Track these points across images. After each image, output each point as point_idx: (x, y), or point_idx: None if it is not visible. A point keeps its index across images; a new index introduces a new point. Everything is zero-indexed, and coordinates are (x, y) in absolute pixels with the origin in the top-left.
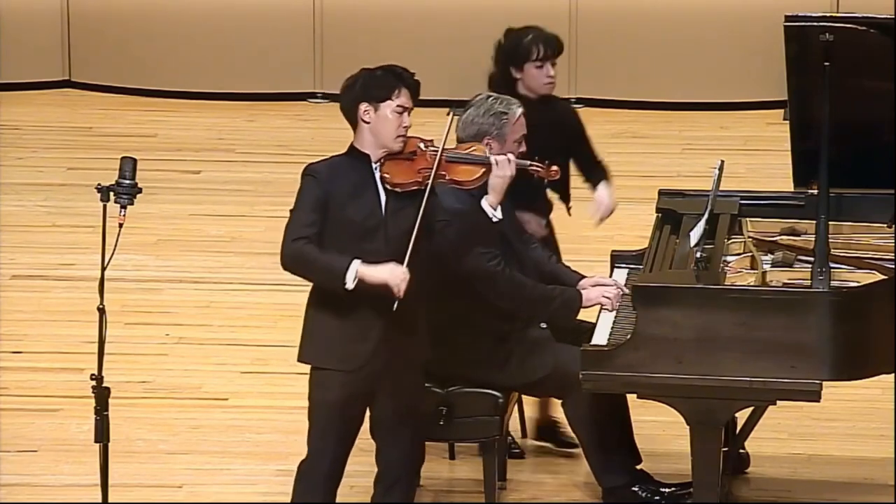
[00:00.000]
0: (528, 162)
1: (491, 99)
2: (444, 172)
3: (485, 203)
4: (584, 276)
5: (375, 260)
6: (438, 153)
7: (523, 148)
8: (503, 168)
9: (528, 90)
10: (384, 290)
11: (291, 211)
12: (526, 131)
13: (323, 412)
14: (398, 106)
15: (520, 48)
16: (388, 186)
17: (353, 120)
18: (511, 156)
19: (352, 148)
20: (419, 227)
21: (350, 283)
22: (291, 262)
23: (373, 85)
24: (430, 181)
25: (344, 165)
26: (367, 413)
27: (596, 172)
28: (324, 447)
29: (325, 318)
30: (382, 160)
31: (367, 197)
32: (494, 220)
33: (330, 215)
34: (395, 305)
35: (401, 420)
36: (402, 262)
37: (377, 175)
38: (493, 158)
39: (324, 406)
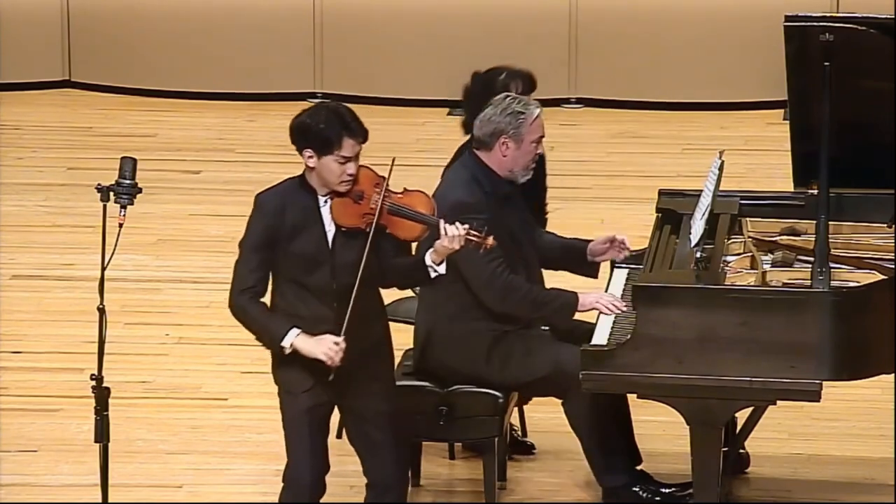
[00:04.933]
0: (470, 233)
1: (509, 99)
2: (385, 224)
3: (428, 258)
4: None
5: (321, 292)
6: (379, 203)
7: (541, 150)
8: (452, 242)
9: None
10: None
11: (240, 245)
12: (544, 133)
13: (293, 424)
14: (341, 157)
15: (494, 86)
16: (335, 223)
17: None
18: (462, 230)
19: (303, 178)
20: (361, 275)
21: (287, 349)
22: (236, 314)
23: (316, 135)
24: (372, 227)
25: (293, 195)
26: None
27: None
28: (301, 457)
29: None
30: (331, 196)
31: (314, 231)
32: (433, 275)
33: (278, 247)
34: (331, 377)
35: (374, 429)
36: (348, 298)
37: (324, 210)
38: (443, 228)
39: (292, 418)
